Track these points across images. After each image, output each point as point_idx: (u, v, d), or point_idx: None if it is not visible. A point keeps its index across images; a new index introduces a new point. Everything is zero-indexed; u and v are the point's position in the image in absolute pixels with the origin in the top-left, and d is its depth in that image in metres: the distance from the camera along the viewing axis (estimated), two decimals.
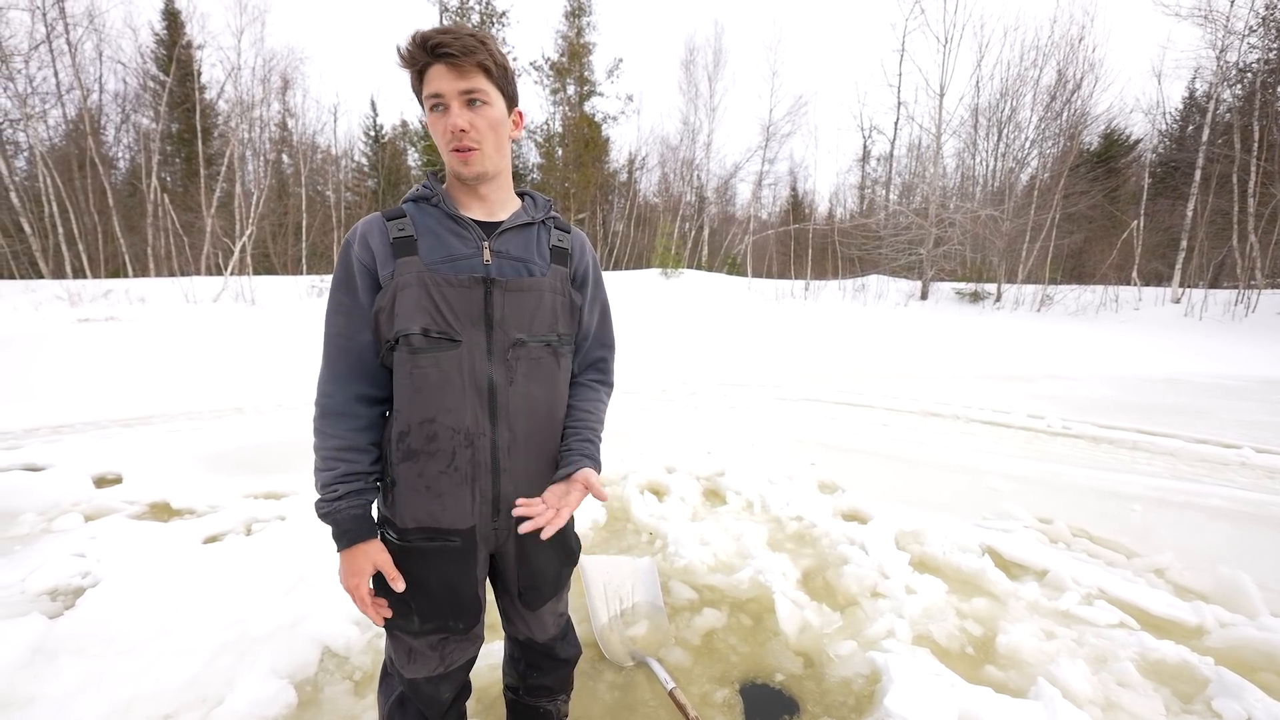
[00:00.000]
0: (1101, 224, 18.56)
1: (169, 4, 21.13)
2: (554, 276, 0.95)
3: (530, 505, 0.90)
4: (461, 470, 0.91)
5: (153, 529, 2.49)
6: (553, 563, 1.07)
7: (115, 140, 21.09)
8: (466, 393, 0.89)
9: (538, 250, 0.96)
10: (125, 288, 13.65)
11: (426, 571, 0.94)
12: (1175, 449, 4.05)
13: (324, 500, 0.90)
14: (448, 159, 0.88)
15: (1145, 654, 1.81)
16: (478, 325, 0.88)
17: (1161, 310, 13.75)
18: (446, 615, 0.96)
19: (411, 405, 0.89)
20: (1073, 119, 17.38)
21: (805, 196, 31.90)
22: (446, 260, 0.88)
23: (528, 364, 0.93)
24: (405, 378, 0.88)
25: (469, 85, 0.83)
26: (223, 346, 8.16)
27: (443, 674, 1.02)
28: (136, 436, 3.93)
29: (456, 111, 0.84)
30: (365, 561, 0.91)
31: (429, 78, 0.83)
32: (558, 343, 0.97)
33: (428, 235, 0.89)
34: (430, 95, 0.84)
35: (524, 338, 0.92)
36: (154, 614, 1.83)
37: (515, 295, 0.90)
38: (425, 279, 0.86)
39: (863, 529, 2.59)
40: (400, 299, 0.86)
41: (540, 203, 1.02)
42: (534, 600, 1.06)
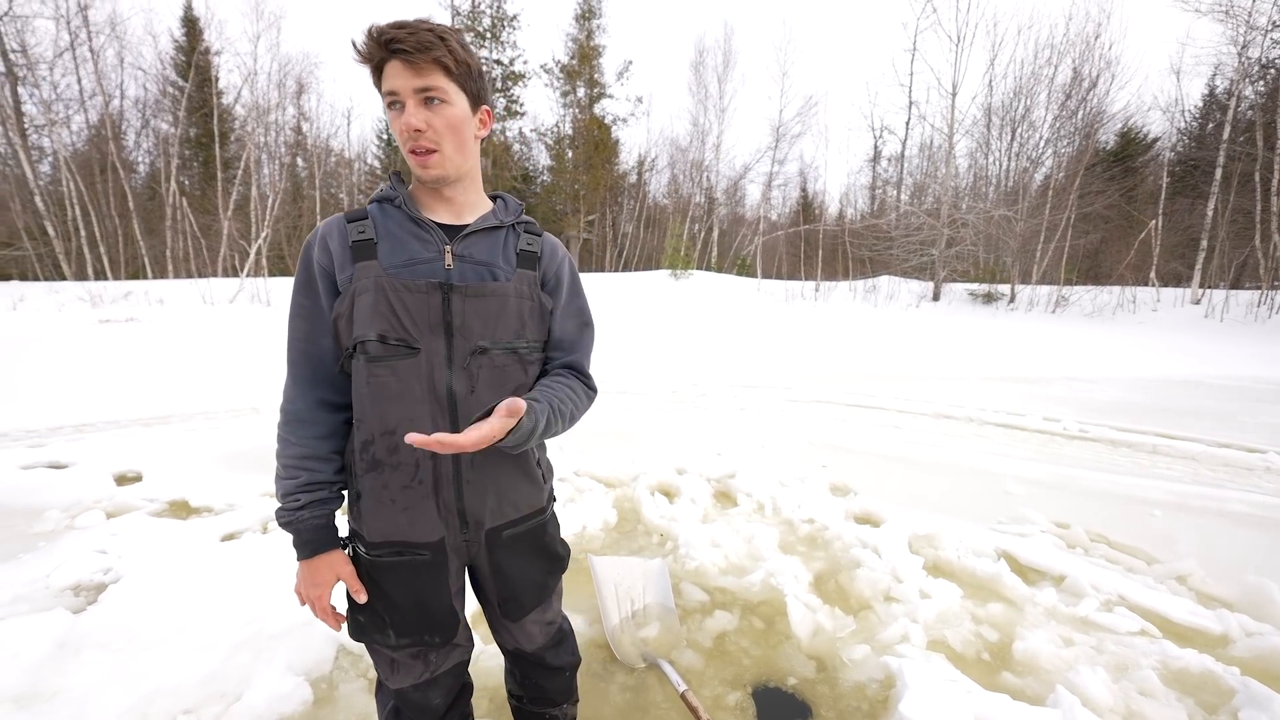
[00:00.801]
0: (1118, 224, 18.25)
1: (188, 11, 21.55)
2: (520, 281, 0.91)
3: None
4: (425, 483, 0.88)
5: (172, 526, 2.54)
6: (533, 571, 1.03)
7: (136, 145, 21.55)
8: (426, 403, 0.85)
9: (503, 254, 0.91)
10: (145, 289, 13.92)
11: (398, 586, 0.92)
12: (1196, 453, 3.97)
13: (285, 509, 0.89)
14: (407, 160, 0.86)
15: (1168, 663, 1.77)
16: (436, 333, 0.84)
17: (1181, 311, 13.48)
18: (421, 630, 0.94)
19: (372, 415, 0.86)
20: (1088, 117, 17.12)
21: (815, 197, 31.75)
22: (406, 264, 0.84)
23: (490, 372, 0.88)
24: (364, 386, 0.85)
25: (425, 83, 0.79)
26: (238, 347, 8.28)
27: (429, 680, 1.00)
28: (156, 435, 4.00)
29: (412, 110, 0.80)
30: (328, 573, 0.90)
31: (386, 74, 0.80)
32: (525, 350, 0.92)
33: (388, 238, 0.86)
34: (387, 92, 0.80)
35: (486, 345, 0.87)
36: (174, 610, 1.86)
37: (476, 301, 0.86)
38: (383, 284, 0.82)
39: (875, 532, 2.57)
40: (358, 304, 0.83)
41: (511, 206, 0.98)
42: (514, 611, 1.03)
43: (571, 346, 1.00)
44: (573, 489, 3.05)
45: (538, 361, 0.96)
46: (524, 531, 1.00)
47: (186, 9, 21.60)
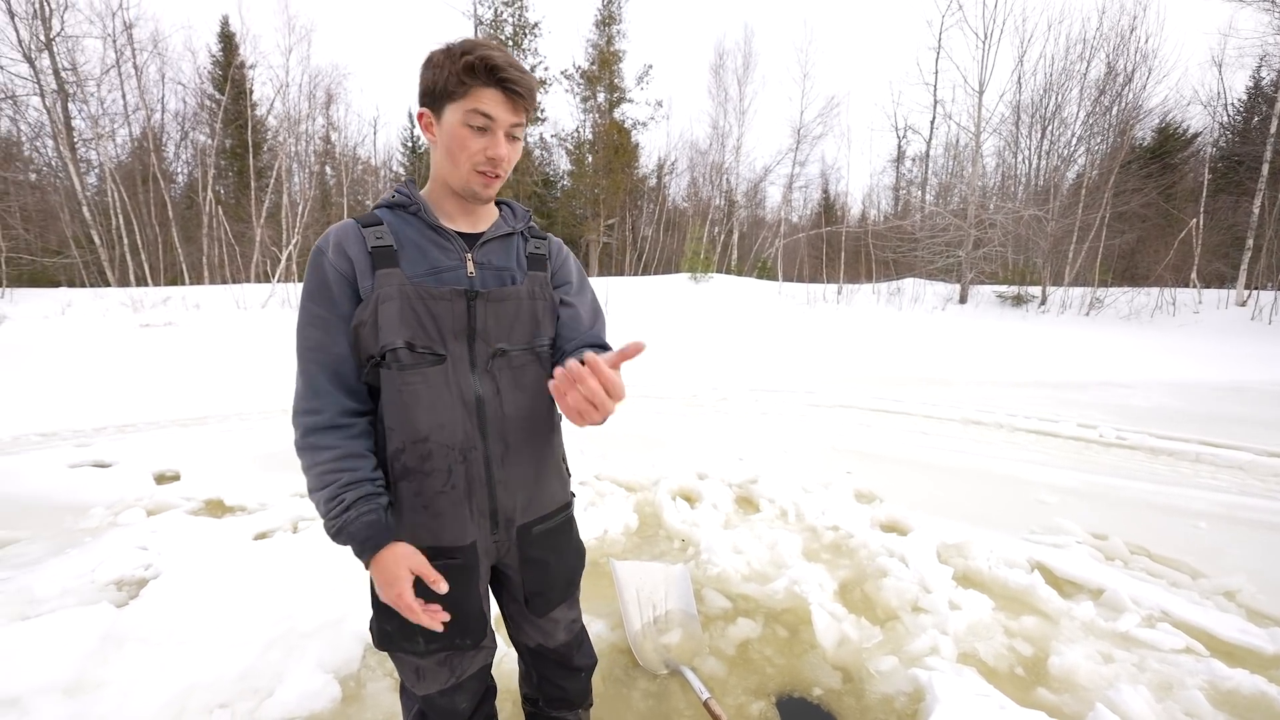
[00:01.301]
0: (1156, 223, 17.57)
1: (225, 27, 22.41)
2: (532, 283, 0.94)
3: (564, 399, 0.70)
4: (459, 488, 0.89)
5: (208, 525, 2.62)
6: (561, 566, 1.05)
7: (175, 156, 22.45)
8: (457, 408, 0.87)
9: (517, 259, 0.95)
10: (182, 294, 14.47)
11: (427, 592, 0.90)
12: (1244, 462, 3.79)
13: (331, 517, 0.82)
14: (466, 176, 0.85)
15: (1216, 683, 1.69)
16: (460, 338, 0.87)
17: (1225, 314, 12.90)
18: (453, 635, 0.93)
19: (404, 424, 0.86)
20: (1124, 113, 16.54)
21: (837, 199, 31.35)
22: (430, 273, 0.86)
23: (511, 373, 0.91)
24: (395, 395, 0.85)
25: (517, 120, 0.84)
26: (270, 350, 8.54)
27: (455, 685, 1.01)
28: (192, 436, 4.15)
29: (501, 142, 0.83)
30: (399, 567, 0.83)
31: (482, 97, 0.81)
32: (541, 349, 0.95)
33: (410, 246, 0.87)
34: (478, 112, 0.81)
35: (505, 347, 0.90)
36: (210, 607, 1.92)
37: (496, 305, 0.89)
38: (408, 292, 0.83)
39: (902, 540, 2.51)
40: (382, 312, 0.83)
41: (519, 212, 1.01)
42: (541, 606, 1.05)
43: (592, 327, 1.01)
44: (594, 493, 3.05)
45: (551, 358, 0.98)
46: (553, 527, 1.03)
47: (223, 25, 22.47)
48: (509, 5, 24.96)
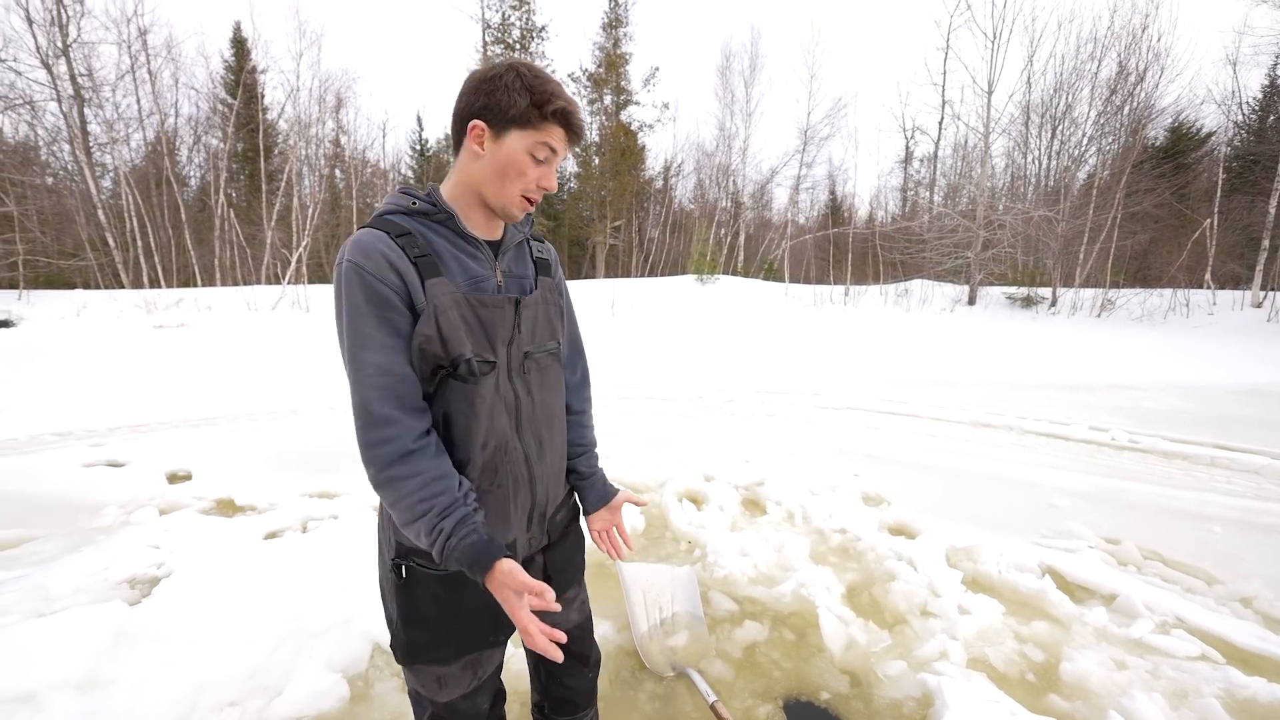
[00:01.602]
0: (1169, 223, 17.33)
1: (237, 32, 22.69)
2: (544, 288, 0.99)
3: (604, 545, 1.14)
4: (506, 487, 0.93)
5: (219, 524, 2.65)
6: (573, 546, 1.13)
7: (188, 160, 22.74)
8: (503, 413, 0.91)
9: (529, 266, 1.00)
10: (195, 296, 14.65)
11: (467, 595, 0.91)
12: (1260, 466, 3.72)
13: (437, 549, 0.80)
14: (509, 197, 0.87)
15: (1232, 690, 1.66)
16: (504, 344, 0.90)
17: (1240, 315, 12.71)
18: (486, 633, 0.95)
19: (471, 433, 0.87)
20: (1135, 113, 16.35)
21: (844, 200, 31.21)
22: (473, 282, 0.87)
23: (538, 374, 0.96)
24: (465, 406, 0.86)
25: (566, 155, 0.91)
26: (280, 351, 8.63)
27: (477, 687, 1.02)
28: (204, 436, 4.19)
29: (551, 175, 0.89)
30: (503, 590, 0.79)
31: (550, 131, 0.85)
32: (556, 349, 1.01)
33: (446, 256, 0.86)
34: (545, 145, 0.85)
35: (531, 350, 0.95)
36: (220, 605, 1.94)
37: (531, 311, 0.94)
38: (460, 301, 0.84)
39: (911, 544, 2.49)
40: (443, 323, 0.82)
41: (524, 218, 1.00)
42: (563, 583, 1.09)
43: (575, 344, 1.14)
44: None
45: (562, 356, 1.06)
46: (566, 510, 1.11)
47: (236, 31, 22.76)
48: (516, 9, 25.12)
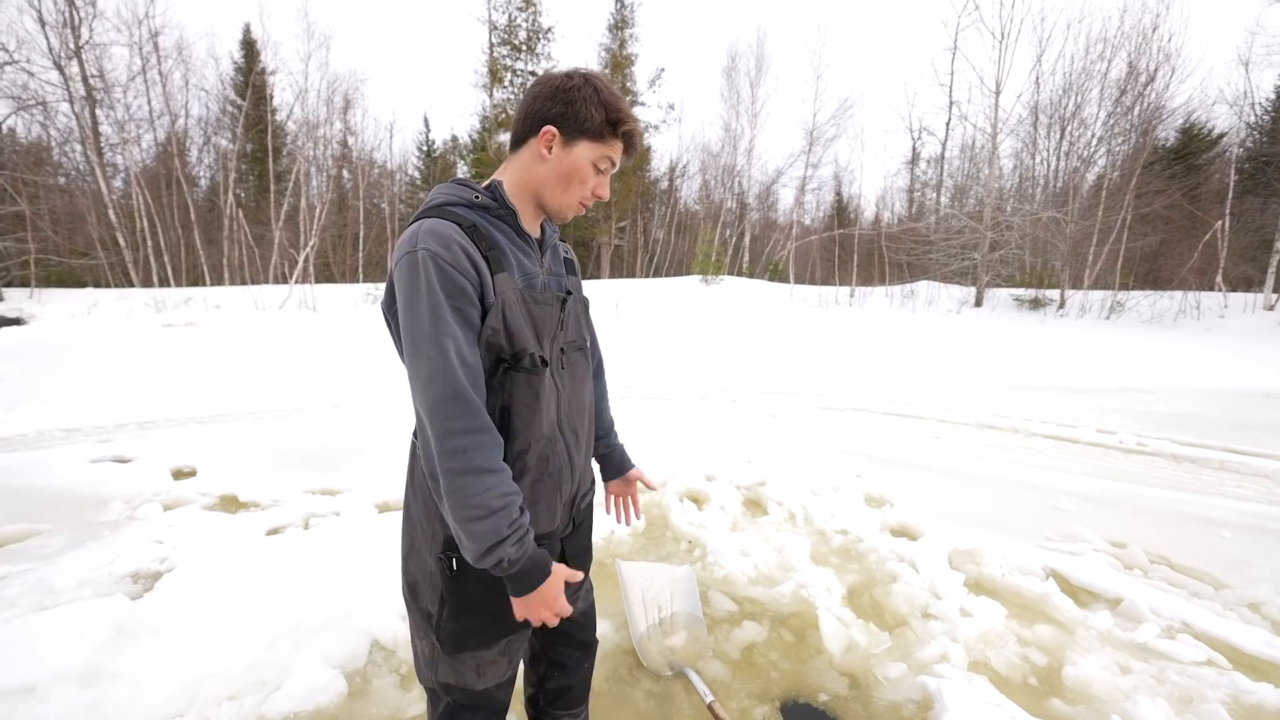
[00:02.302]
0: (1180, 225, 17.14)
1: (247, 34, 22.91)
2: (573, 286, 1.05)
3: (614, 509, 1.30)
4: (556, 476, 0.97)
5: (222, 520, 2.67)
6: (590, 525, 1.18)
7: (198, 160, 22.97)
8: (554, 405, 0.95)
9: (562, 264, 1.05)
10: (203, 295, 14.78)
11: None
12: (1271, 470, 3.67)
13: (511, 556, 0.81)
14: (569, 202, 0.94)
15: (1239, 696, 1.64)
16: (551, 340, 0.94)
17: (1251, 318, 12.55)
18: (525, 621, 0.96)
19: (532, 424, 0.90)
20: (1146, 113, 16.19)
21: (850, 201, 31.07)
22: (527, 278, 0.91)
23: (571, 368, 1.00)
24: (529, 397, 0.88)
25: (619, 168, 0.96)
26: (286, 350, 8.69)
27: (510, 677, 1.03)
28: (210, 433, 4.22)
29: (606, 185, 0.95)
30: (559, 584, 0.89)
31: (615, 146, 0.92)
32: (584, 344, 1.06)
33: (508, 252, 0.89)
34: (608, 158, 0.92)
35: (566, 345, 0.99)
36: (221, 600, 1.95)
37: (571, 308, 1.00)
38: (523, 296, 0.88)
39: (913, 546, 2.47)
40: (509, 317, 0.85)
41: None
42: (580, 566, 1.14)
43: (595, 341, 1.19)
44: (601, 492, 3.05)
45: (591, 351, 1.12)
46: (590, 499, 1.17)
47: (245, 33, 22.97)
48: (523, 10, 25.21)
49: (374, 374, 6.97)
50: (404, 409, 5.12)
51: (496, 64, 25.25)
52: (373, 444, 4.02)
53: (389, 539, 2.46)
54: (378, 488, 3.10)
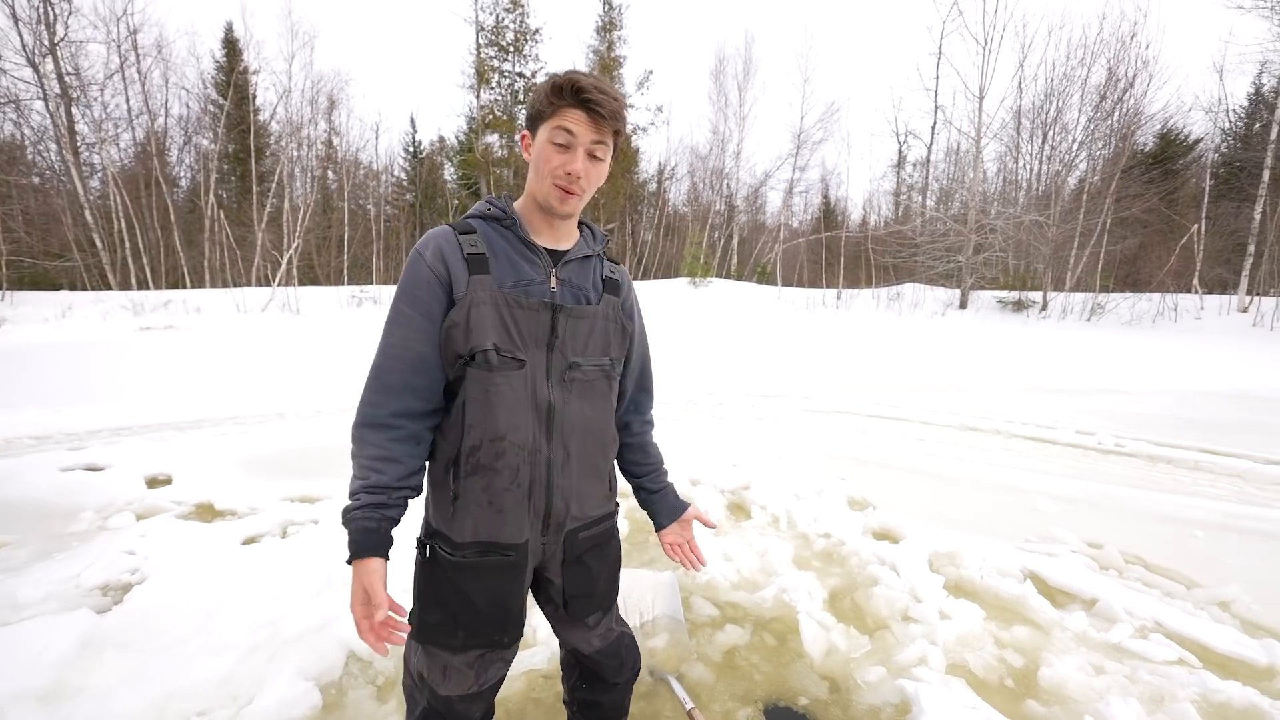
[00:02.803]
0: (1158, 228, 17.53)
1: (229, 33, 22.57)
2: (607, 305, 1.01)
3: (676, 557, 1.17)
4: (522, 487, 0.95)
5: (197, 529, 2.61)
6: (599, 573, 1.10)
7: (178, 160, 22.56)
8: (529, 411, 0.93)
9: (593, 280, 1.02)
10: (183, 298, 14.51)
11: (478, 586, 0.96)
12: (1243, 470, 3.76)
13: (346, 509, 0.92)
14: (545, 189, 0.92)
15: (1208, 695, 1.67)
16: (540, 347, 0.93)
17: (1227, 320, 12.86)
18: (493, 629, 0.98)
19: (485, 421, 0.91)
20: (1125, 119, 16.55)
21: (837, 204, 31.32)
22: (518, 284, 0.92)
23: (582, 385, 0.98)
24: (480, 394, 0.91)
25: (599, 138, 0.90)
26: (268, 354, 8.56)
27: (476, 693, 1.03)
28: (187, 439, 4.14)
29: (581, 158, 0.90)
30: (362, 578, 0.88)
31: (566, 116, 0.88)
32: (609, 367, 1.02)
33: (501, 257, 0.93)
34: (561, 129, 0.89)
35: (579, 361, 0.97)
36: (193, 612, 1.91)
37: (575, 321, 0.96)
38: (498, 299, 0.90)
39: (894, 549, 2.49)
40: (474, 316, 0.89)
41: (598, 236, 1.07)
42: (580, 609, 1.09)
43: (642, 374, 1.17)
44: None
45: (617, 377, 1.07)
46: (597, 533, 1.08)
47: (227, 31, 22.64)
48: (510, 12, 25.14)
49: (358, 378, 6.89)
50: None
51: (484, 65, 25.14)
52: None
53: None
54: None
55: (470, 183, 26.71)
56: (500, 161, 25.76)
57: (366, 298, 16.94)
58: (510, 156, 25.87)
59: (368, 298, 16.93)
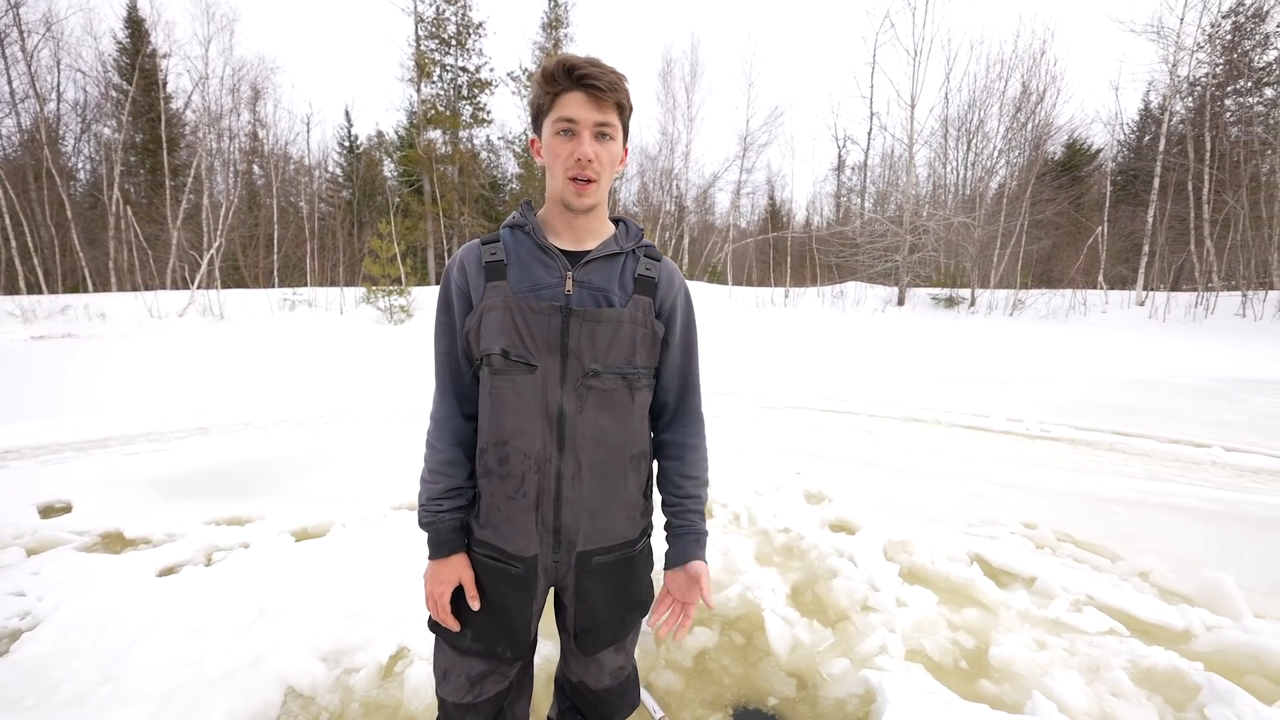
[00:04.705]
0: (1068, 230, 19.21)
1: (132, 11, 20.61)
2: (635, 307, 0.93)
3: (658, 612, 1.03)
4: (529, 496, 0.92)
5: (102, 562, 2.33)
6: (613, 607, 1.01)
7: (75, 151, 20.39)
8: (538, 418, 0.91)
9: (620, 280, 0.94)
10: (84, 303, 13.09)
11: (486, 587, 0.97)
12: (1149, 449, 4.13)
13: (427, 510, 0.97)
14: (561, 186, 0.89)
15: (1136, 661, 1.79)
16: (553, 352, 0.90)
17: (1127, 313, 14.23)
18: (497, 639, 0.97)
19: (490, 425, 0.93)
20: (1037, 129, 18.01)
21: (783, 205, 32.37)
22: (531, 288, 0.91)
23: (599, 394, 0.92)
24: (486, 397, 0.93)
25: (603, 118, 0.86)
26: (188, 363, 7.85)
27: (470, 704, 1.02)
28: (89, 461, 3.71)
29: (587, 141, 0.86)
30: (453, 573, 0.96)
31: (563, 102, 0.85)
32: (634, 375, 0.94)
33: (516, 263, 0.93)
34: (562, 119, 0.85)
35: (597, 368, 0.91)
36: (99, 657, 1.69)
37: (592, 325, 0.90)
38: (510, 303, 0.89)
39: (851, 540, 2.55)
40: (485, 320, 0.90)
41: (632, 231, 1.01)
42: (589, 644, 1.02)
43: (684, 377, 1.04)
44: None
45: (647, 387, 0.98)
46: (613, 561, 1.00)
47: (131, 9, 20.66)
48: (451, 4, 24.35)
49: (292, 386, 6.43)
50: (330, 423, 4.75)
51: (424, 58, 24.21)
52: (291, 464, 3.68)
53: (308, 570, 2.24)
54: (295, 513, 2.83)
55: (412, 180, 25.65)
56: (444, 159, 24.88)
57: (300, 300, 15.91)
58: (455, 153, 25.05)
59: (301, 300, 15.91)
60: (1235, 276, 14.75)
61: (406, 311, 15.94)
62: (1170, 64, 15.49)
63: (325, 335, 12.19)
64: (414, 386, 6.49)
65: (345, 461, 3.75)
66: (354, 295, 17.04)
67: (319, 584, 2.13)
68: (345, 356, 9.06)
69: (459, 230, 26.43)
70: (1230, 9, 15.11)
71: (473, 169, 25.81)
